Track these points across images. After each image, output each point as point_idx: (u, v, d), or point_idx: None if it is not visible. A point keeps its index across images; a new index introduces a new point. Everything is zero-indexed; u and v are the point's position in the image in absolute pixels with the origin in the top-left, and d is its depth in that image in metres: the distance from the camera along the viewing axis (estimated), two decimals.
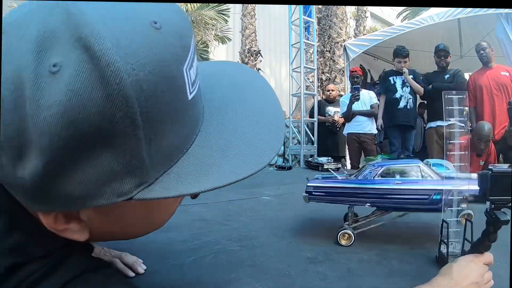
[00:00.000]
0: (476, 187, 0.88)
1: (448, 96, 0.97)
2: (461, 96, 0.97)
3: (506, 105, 3.23)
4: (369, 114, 3.75)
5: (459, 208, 0.93)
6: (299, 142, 4.82)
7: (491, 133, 2.93)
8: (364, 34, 7.00)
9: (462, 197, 0.95)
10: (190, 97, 0.35)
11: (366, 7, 8.12)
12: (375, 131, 3.80)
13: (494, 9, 3.66)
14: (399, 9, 10.04)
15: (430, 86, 3.40)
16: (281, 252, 1.06)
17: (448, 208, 0.93)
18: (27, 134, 0.29)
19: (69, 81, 0.28)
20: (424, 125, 3.95)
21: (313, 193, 1.15)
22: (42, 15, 0.30)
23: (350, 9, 8.57)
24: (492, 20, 3.99)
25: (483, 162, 2.86)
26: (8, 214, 0.36)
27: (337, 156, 4.21)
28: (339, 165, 3.54)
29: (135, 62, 0.29)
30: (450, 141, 0.95)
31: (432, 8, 4.61)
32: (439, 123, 3.36)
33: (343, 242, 1.10)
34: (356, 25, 8.26)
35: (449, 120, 1.09)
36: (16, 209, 0.36)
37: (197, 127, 0.37)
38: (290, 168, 3.74)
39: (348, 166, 4.27)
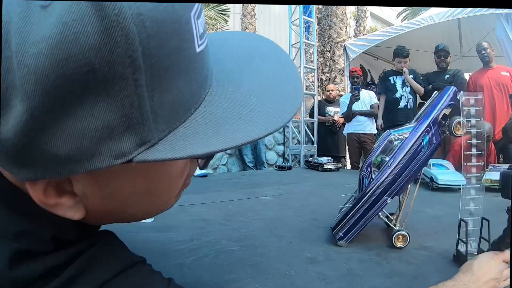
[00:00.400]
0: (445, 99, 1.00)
1: (466, 97, 1.00)
2: (479, 97, 1.01)
3: (506, 105, 3.23)
4: (369, 114, 3.75)
5: (476, 207, 0.95)
6: (299, 142, 4.81)
7: (491, 133, 2.93)
8: (364, 34, 7.00)
9: (439, 116, 1.02)
10: (198, 49, 0.31)
11: (366, 7, 8.12)
12: (375, 131, 3.80)
13: (494, 9, 3.66)
14: (399, 9, 10.04)
15: (430, 86, 3.41)
16: (281, 252, 1.06)
17: (465, 207, 0.95)
18: (11, 77, 0.25)
19: (60, 13, 0.24)
20: None
21: (342, 236, 1.12)
22: None
23: (350, 9, 8.58)
24: (492, 20, 3.99)
25: (483, 162, 2.85)
26: (7, 199, 0.33)
27: (337, 156, 4.21)
28: (339, 165, 3.54)
29: None
30: (467, 141, 0.99)
31: (432, 8, 4.61)
32: None
33: (398, 244, 1.10)
34: (356, 25, 8.26)
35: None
36: (11, 190, 0.32)
37: (206, 86, 0.33)
38: (290, 168, 3.74)
39: (348, 166, 4.27)
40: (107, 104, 0.26)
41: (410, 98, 3.44)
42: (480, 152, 0.98)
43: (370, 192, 1.08)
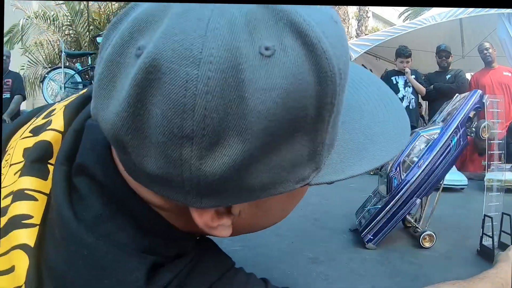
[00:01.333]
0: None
1: (490, 100, 1.07)
2: (500, 100, 1.09)
3: (508, 106, 3.22)
4: None
5: (497, 203, 1.00)
6: None
7: None
8: (366, 34, 6.99)
9: (467, 118, 1.06)
10: None
11: (368, 7, 8.13)
12: None
13: (496, 9, 3.65)
14: (401, 9, 10.03)
15: (432, 86, 3.40)
16: (283, 252, 1.06)
17: (489, 204, 1.00)
18: (230, 119, 0.26)
19: (288, 65, 0.26)
20: (424, 124, 3.95)
21: (372, 238, 1.11)
22: (237, 5, 0.28)
23: (352, 9, 8.57)
24: (494, 20, 3.98)
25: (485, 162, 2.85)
26: (134, 216, 0.34)
27: None
28: None
29: (337, 52, 0.29)
30: (490, 141, 1.04)
31: (434, 8, 4.61)
32: None
33: (426, 244, 1.10)
34: (358, 25, 8.26)
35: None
36: (145, 211, 0.34)
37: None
38: None
39: None
40: (304, 140, 0.29)
41: (412, 99, 3.44)
42: (502, 152, 1.04)
43: (401, 193, 1.09)
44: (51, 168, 0.36)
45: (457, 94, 1.17)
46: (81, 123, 0.37)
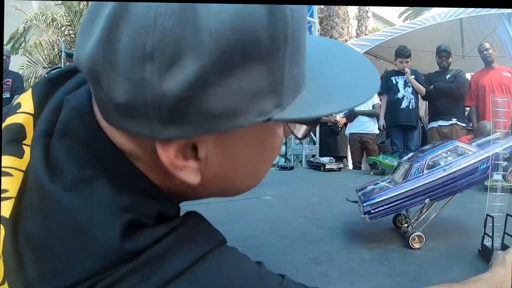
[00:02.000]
0: None
1: (494, 99, 1.07)
2: (506, 100, 1.09)
3: (508, 106, 3.22)
4: (371, 114, 3.74)
5: (501, 204, 0.99)
6: (301, 142, 4.81)
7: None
8: (366, 34, 6.99)
9: (506, 157, 1.05)
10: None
11: (368, 7, 8.12)
12: (377, 131, 3.79)
13: (496, 9, 3.65)
14: (401, 9, 10.04)
15: (432, 86, 3.40)
16: (283, 252, 1.06)
17: (492, 203, 1.00)
18: (186, 36, 0.29)
19: None
20: (422, 124, 3.95)
21: (371, 211, 1.11)
22: None
23: (352, 9, 8.57)
24: (494, 20, 3.98)
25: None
26: (112, 174, 0.34)
27: (338, 156, 4.20)
28: (341, 165, 3.53)
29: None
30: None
31: (434, 8, 4.61)
32: (440, 122, 3.36)
33: (416, 245, 1.09)
34: (358, 25, 8.26)
35: (451, 120, 1.15)
36: (121, 162, 0.34)
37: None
38: (291, 168, 3.74)
39: (350, 166, 4.27)
40: (261, 69, 0.31)
41: (412, 99, 3.44)
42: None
43: (416, 185, 1.09)
44: (26, 148, 0.36)
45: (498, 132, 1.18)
46: (59, 101, 0.38)
